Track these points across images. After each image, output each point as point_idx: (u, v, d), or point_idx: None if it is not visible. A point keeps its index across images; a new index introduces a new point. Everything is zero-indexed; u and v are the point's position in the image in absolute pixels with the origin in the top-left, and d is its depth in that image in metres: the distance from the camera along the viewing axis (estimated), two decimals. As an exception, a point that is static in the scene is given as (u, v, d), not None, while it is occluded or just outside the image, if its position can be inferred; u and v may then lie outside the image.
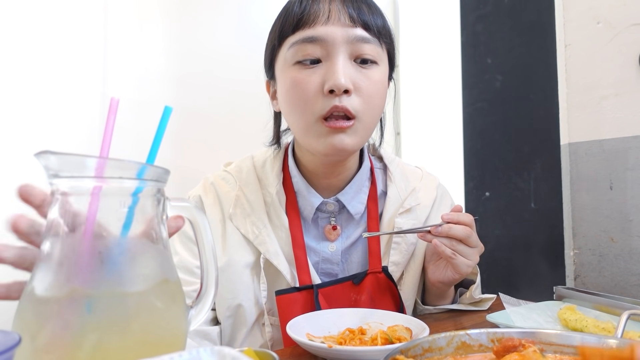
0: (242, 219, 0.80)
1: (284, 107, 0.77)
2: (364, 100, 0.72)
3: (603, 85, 1.01)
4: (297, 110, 0.73)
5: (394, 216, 0.84)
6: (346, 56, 0.71)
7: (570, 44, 1.07)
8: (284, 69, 0.74)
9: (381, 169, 0.91)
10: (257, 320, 0.79)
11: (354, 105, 0.71)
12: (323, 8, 0.71)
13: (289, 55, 0.73)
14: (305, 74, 0.72)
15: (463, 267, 0.74)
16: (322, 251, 0.82)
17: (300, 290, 0.75)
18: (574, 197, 1.06)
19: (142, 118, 1.05)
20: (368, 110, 0.73)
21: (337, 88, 0.69)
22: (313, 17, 0.71)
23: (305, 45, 0.71)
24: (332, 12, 0.71)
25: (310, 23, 0.71)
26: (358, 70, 0.72)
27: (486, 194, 1.61)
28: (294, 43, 0.72)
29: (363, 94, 0.72)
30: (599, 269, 1.02)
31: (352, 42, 0.71)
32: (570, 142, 1.07)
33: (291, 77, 0.73)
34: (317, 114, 0.71)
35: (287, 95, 0.74)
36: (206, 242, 0.47)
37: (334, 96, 0.70)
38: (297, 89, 0.72)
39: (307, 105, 0.72)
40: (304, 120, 0.73)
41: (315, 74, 0.71)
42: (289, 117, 0.77)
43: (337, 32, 0.70)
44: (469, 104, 1.68)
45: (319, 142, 0.73)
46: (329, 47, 0.71)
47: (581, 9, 1.05)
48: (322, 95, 0.71)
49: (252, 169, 0.86)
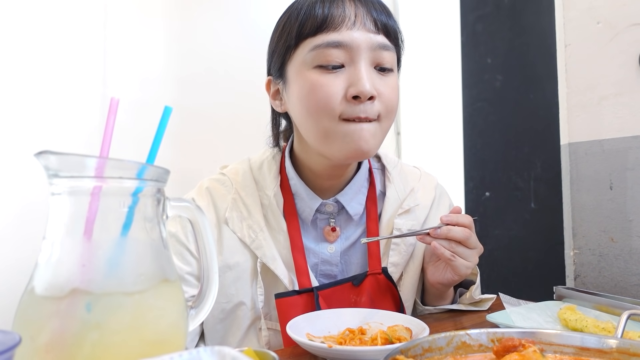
0: (239, 222, 0.79)
1: (299, 109, 0.75)
2: (385, 106, 0.73)
3: (603, 85, 1.01)
4: (316, 113, 0.71)
5: (393, 217, 0.84)
6: (368, 63, 0.71)
7: (570, 44, 1.07)
8: (302, 71, 0.73)
9: (379, 169, 0.91)
10: (253, 325, 0.78)
11: (376, 112, 0.72)
12: (349, 12, 0.71)
13: (309, 57, 0.71)
14: (327, 78, 0.70)
15: (462, 268, 0.74)
16: (321, 253, 0.82)
17: (300, 293, 0.74)
18: (574, 197, 1.06)
19: (142, 118, 1.05)
20: (387, 115, 0.74)
21: (363, 95, 0.69)
22: (339, 20, 0.70)
23: (330, 49, 0.70)
24: (358, 16, 0.71)
25: (335, 26, 0.70)
26: (378, 77, 0.73)
27: (486, 194, 1.61)
28: (317, 46, 0.70)
29: (384, 100, 0.72)
30: (599, 269, 1.02)
31: (374, 50, 0.71)
32: (570, 142, 1.07)
33: (312, 81, 0.71)
34: (338, 115, 0.70)
35: (306, 98, 0.72)
36: (206, 242, 0.47)
37: (358, 102, 0.70)
38: (319, 93, 0.70)
39: (327, 108, 0.70)
40: (324, 123, 0.71)
41: (338, 79, 0.70)
42: (305, 120, 0.74)
43: (362, 37, 0.70)
44: (469, 104, 1.68)
45: (344, 144, 0.71)
46: (353, 53, 0.70)
47: (581, 9, 1.05)
48: (345, 101, 0.70)
49: (248, 171, 0.85)
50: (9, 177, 0.99)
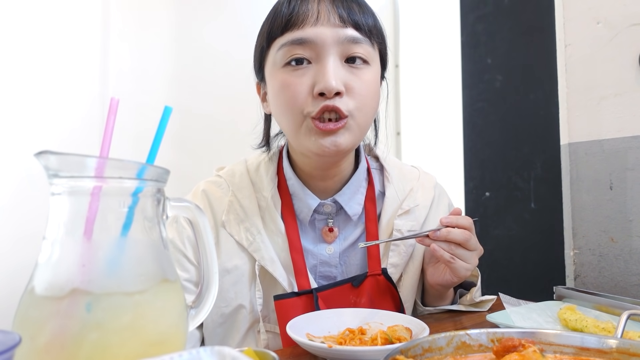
0: (236, 225, 0.79)
1: (274, 109, 0.76)
2: (356, 101, 0.71)
3: (603, 85, 1.01)
4: (287, 111, 0.72)
5: (392, 218, 0.84)
6: (337, 57, 0.70)
7: (570, 44, 1.07)
8: (273, 72, 0.74)
9: (378, 169, 0.90)
10: (251, 328, 0.78)
11: (346, 106, 0.70)
12: (312, 8, 0.70)
13: (278, 57, 0.72)
14: (294, 75, 0.71)
15: (462, 270, 0.74)
16: (320, 254, 0.81)
17: (299, 295, 0.74)
18: (574, 197, 1.06)
19: (142, 118, 1.05)
20: (361, 109, 0.72)
21: (328, 91, 0.68)
22: (302, 18, 0.70)
23: (294, 47, 0.70)
24: (322, 12, 0.70)
25: (299, 24, 0.70)
26: (349, 71, 0.71)
27: (486, 194, 1.61)
28: (283, 45, 0.71)
29: (355, 95, 0.71)
30: (599, 269, 1.02)
31: (342, 43, 0.70)
32: (570, 142, 1.07)
33: (281, 80, 0.72)
34: (306, 113, 0.71)
35: (277, 97, 0.74)
36: (206, 243, 0.47)
37: (324, 99, 0.69)
38: (287, 91, 0.71)
39: (296, 107, 0.71)
40: (294, 120, 0.72)
41: (305, 76, 0.70)
42: (280, 119, 0.76)
43: (327, 32, 0.69)
44: (469, 104, 1.68)
45: (311, 141, 0.72)
46: (318, 48, 0.70)
47: (581, 9, 1.05)
48: (312, 98, 0.70)
49: (245, 173, 0.84)
50: (9, 177, 0.99)
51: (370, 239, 0.81)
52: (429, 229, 0.77)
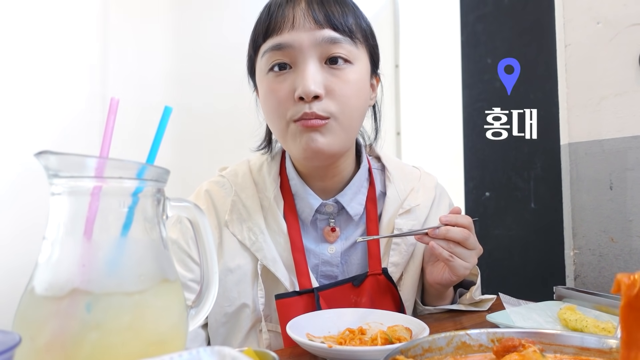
0: (239, 224, 0.79)
1: (265, 115, 0.79)
2: (338, 102, 0.71)
3: (603, 85, 1.01)
4: (273, 117, 0.74)
5: (393, 217, 0.84)
6: (316, 60, 0.70)
7: (570, 44, 1.07)
8: (261, 78, 0.76)
9: (379, 169, 0.91)
10: (254, 327, 0.78)
11: (326, 109, 0.70)
12: (288, 14, 0.71)
13: (262, 64, 0.74)
14: (277, 81, 0.72)
15: (460, 269, 0.74)
16: (322, 253, 0.82)
17: (300, 294, 0.74)
18: (574, 197, 1.06)
19: (142, 118, 1.05)
20: (344, 110, 0.72)
21: (306, 95, 0.69)
22: (279, 24, 0.71)
23: (274, 52, 0.71)
24: (297, 17, 0.70)
25: (277, 30, 0.71)
26: (330, 73, 0.71)
27: (486, 194, 1.61)
28: (265, 51, 0.73)
29: (336, 96, 0.71)
30: (599, 269, 1.02)
31: (320, 45, 0.70)
32: (570, 142, 1.07)
33: (265, 86, 0.74)
34: (289, 118, 0.72)
35: (264, 104, 0.76)
36: (206, 242, 0.47)
37: (304, 102, 0.70)
38: (272, 98, 0.73)
39: (279, 112, 0.72)
40: (280, 126, 0.74)
41: (286, 82, 0.71)
42: (269, 125, 0.79)
43: (303, 36, 0.70)
44: (469, 104, 1.67)
45: (295, 144, 0.73)
46: (296, 52, 0.70)
47: (581, 9, 1.05)
48: (293, 102, 0.71)
49: (248, 173, 0.85)
50: (9, 177, 0.99)
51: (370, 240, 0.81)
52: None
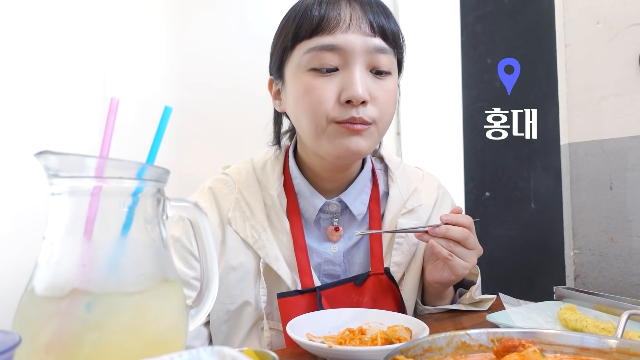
0: (242, 222, 0.79)
1: (294, 109, 0.76)
2: (379, 109, 0.72)
3: (603, 85, 1.01)
4: (310, 114, 0.72)
5: (396, 217, 0.84)
6: (363, 66, 0.71)
7: (570, 44, 1.07)
8: (297, 74, 0.73)
9: (382, 169, 0.91)
10: (255, 325, 0.78)
11: (370, 115, 0.71)
12: (344, 14, 0.69)
13: (304, 60, 0.71)
14: (321, 81, 0.70)
15: (459, 268, 0.74)
16: (325, 252, 0.82)
17: (302, 293, 0.74)
18: (574, 197, 1.06)
19: (142, 118, 1.04)
20: (382, 118, 0.73)
21: (356, 99, 0.69)
22: (334, 23, 0.69)
23: (324, 53, 0.70)
24: (354, 19, 0.69)
25: (330, 29, 0.69)
26: (374, 81, 0.72)
27: (486, 194, 1.61)
28: (312, 49, 0.70)
29: (379, 104, 0.72)
30: (599, 269, 1.02)
31: (370, 53, 0.70)
32: (570, 142, 1.07)
33: (305, 83, 0.71)
34: (331, 119, 0.71)
35: (301, 100, 0.73)
36: (206, 242, 0.47)
37: (351, 107, 0.70)
38: (313, 95, 0.71)
39: (320, 111, 0.71)
40: (317, 124, 0.72)
41: (332, 82, 0.70)
42: (300, 120, 0.76)
43: (357, 41, 0.69)
44: (469, 104, 1.67)
45: (333, 144, 0.72)
46: (347, 56, 0.70)
47: (581, 9, 1.05)
48: (338, 104, 0.70)
49: (251, 171, 0.85)
50: (9, 177, 0.99)
51: (373, 239, 0.82)
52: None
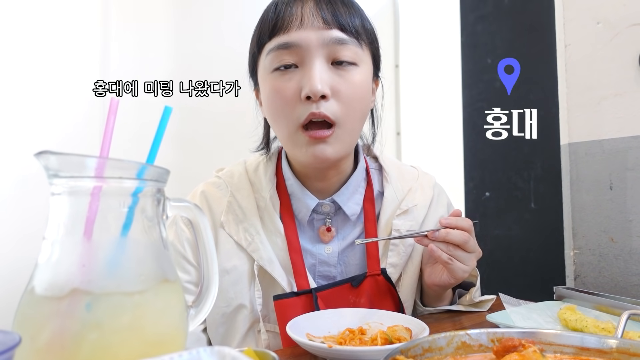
0: (235, 225, 0.79)
1: (268, 115, 0.78)
2: (343, 104, 0.71)
3: (603, 85, 1.01)
4: (279, 118, 0.73)
5: (391, 218, 0.83)
6: (323, 60, 0.70)
7: (570, 44, 1.07)
8: (264, 77, 0.74)
9: (377, 169, 0.90)
10: (252, 328, 0.78)
11: (332, 111, 0.70)
12: (296, 12, 0.70)
13: (267, 62, 0.73)
14: (282, 80, 0.71)
15: (459, 272, 0.73)
16: (319, 253, 0.81)
17: (298, 294, 0.74)
18: (574, 197, 1.06)
19: (142, 118, 1.04)
20: (349, 114, 0.72)
21: (314, 94, 0.68)
22: (287, 22, 0.70)
23: (281, 51, 0.71)
24: (305, 15, 0.70)
25: (284, 28, 0.70)
26: (336, 74, 0.71)
27: (486, 194, 1.61)
28: (271, 50, 0.72)
29: (342, 98, 0.71)
30: (599, 269, 1.02)
31: (328, 45, 0.70)
32: (570, 142, 1.07)
33: (270, 85, 0.73)
34: (296, 122, 0.71)
35: (268, 103, 0.74)
36: (207, 242, 0.47)
37: (311, 102, 0.69)
38: (277, 97, 0.72)
39: (286, 113, 0.72)
40: (285, 129, 0.73)
41: (292, 81, 0.71)
42: (273, 125, 0.78)
43: (312, 36, 0.69)
44: (469, 104, 1.67)
45: (301, 152, 0.73)
46: (303, 52, 0.70)
47: (581, 9, 1.04)
48: (300, 102, 0.70)
49: (244, 173, 0.85)
50: (9, 177, 0.99)
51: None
52: (428, 229, 0.77)
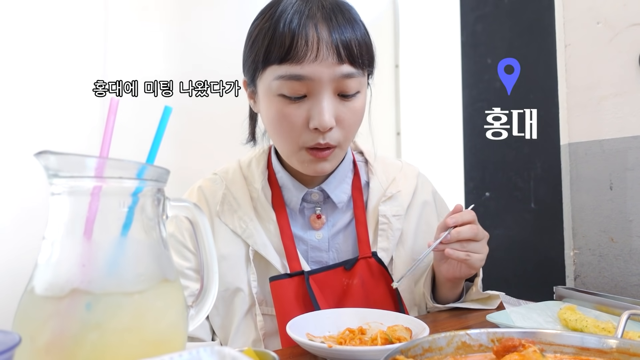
0: (230, 214, 0.83)
1: (269, 129, 0.81)
2: (345, 130, 0.76)
3: (603, 85, 1.01)
4: (282, 139, 0.77)
5: (377, 204, 0.88)
6: (331, 93, 0.73)
7: (570, 44, 1.07)
8: (268, 96, 0.75)
9: (363, 161, 0.95)
10: (249, 311, 0.81)
11: (336, 138, 0.75)
12: (311, 41, 0.70)
13: (274, 85, 0.73)
14: (291, 108, 0.73)
15: (477, 262, 0.76)
16: (310, 240, 0.85)
17: (292, 276, 0.77)
18: (574, 197, 1.06)
19: (142, 118, 1.04)
20: (349, 137, 0.78)
21: (322, 127, 0.72)
22: (302, 53, 0.70)
23: (292, 82, 0.71)
24: (321, 50, 0.70)
25: (298, 59, 0.70)
26: (342, 104, 0.75)
27: (486, 194, 1.61)
28: (281, 77, 0.71)
29: (345, 126, 0.76)
30: (599, 269, 1.02)
31: (337, 80, 0.72)
32: (570, 142, 1.07)
33: (277, 109, 0.74)
34: (301, 145, 0.75)
35: (273, 124, 0.77)
36: (206, 242, 0.47)
37: (319, 133, 0.73)
38: (284, 122, 0.74)
39: (292, 137, 0.75)
40: (288, 148, 0.77)
41: (301, 109, 0.73)
42: (274, 139, 0.82)
43: (325, 71, 0.71)
44: (469, 104, 1.67)
45: (302, 166, 0.79)
46: (315, 85, 0.71)
47: (581, 9, 1.04)
48: (306, 130, 0.74)
49: (238, 169, 0.90)
50: (9, 177, 0.99)
51: (359, 225, 0.85)
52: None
